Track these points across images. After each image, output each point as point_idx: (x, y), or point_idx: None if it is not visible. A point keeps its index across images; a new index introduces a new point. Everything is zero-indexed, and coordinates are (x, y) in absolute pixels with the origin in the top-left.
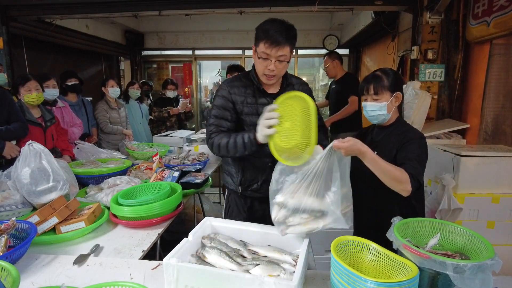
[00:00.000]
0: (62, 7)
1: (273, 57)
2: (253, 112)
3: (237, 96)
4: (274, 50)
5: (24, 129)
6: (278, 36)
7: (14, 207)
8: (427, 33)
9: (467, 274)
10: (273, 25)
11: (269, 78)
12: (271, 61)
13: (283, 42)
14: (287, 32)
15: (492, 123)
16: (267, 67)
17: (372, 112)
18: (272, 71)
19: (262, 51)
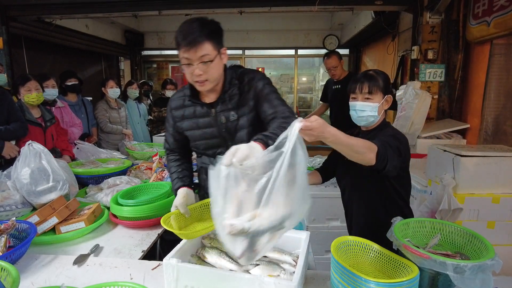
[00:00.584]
0: (62, 7)
1: (194, 60)
2: (193, 126)
3: (176, 111)
4: (192, 52)
5: (23, 129)
6: (192, 35)
7: (14, 207)
8: (427, 33)
9: (467, 274)
10: (185, 26)
11: (201, 84)
12: (194, 65)
13: (199, 40)
14: (202, 28)
15: (492, 123)
16: (192, 73)
17: (362, 113)
18: (199, 76)
19: (182, 57)
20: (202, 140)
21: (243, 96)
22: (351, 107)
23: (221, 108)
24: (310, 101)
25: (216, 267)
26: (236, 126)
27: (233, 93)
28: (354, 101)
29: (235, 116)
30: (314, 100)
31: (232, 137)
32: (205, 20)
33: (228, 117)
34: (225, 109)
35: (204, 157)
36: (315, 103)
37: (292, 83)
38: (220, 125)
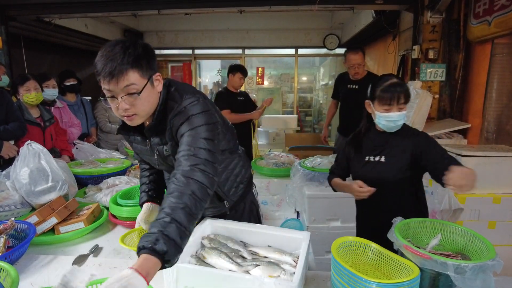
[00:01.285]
0: (61, 7)
1: (118, 93)
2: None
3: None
4: (114, 83)
5: (22, 129)
6: (112, 62)
7: (13, 208)
8: (428, 33)
9: (468, 275)
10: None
11: (130, 119)
12: (118, 99)
13: (118, 67)
14: (124, 54)
15: (494, 123)
16: (118, 107)
17: (398, 122)
18: (126, 111)
19: (104, 88)
20: (150, 162)
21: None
22: (385, 117)
23: (154, 141)
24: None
25: (216, 267)
26: (171, 161)
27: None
28: (388, 112)
29: (168, 152)
30: (314, 100)
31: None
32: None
33: (162, 151)
34: (157, 143)
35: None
36: (315, 103)
37: (292, 82)
38: (157, 157)
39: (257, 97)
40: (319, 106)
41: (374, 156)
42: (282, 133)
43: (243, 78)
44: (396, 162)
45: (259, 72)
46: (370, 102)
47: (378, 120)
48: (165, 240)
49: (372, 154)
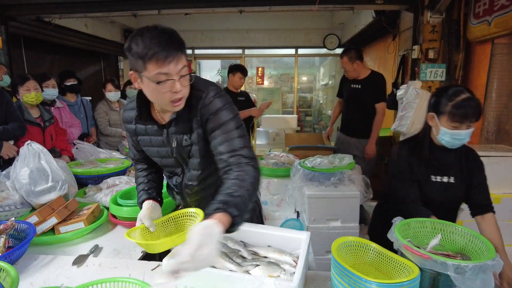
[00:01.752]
0: (61, 7)
1: (174, 75)
2: (147, 143)
3: (128, 125)
4: (172, 65)
5: (22, 129)
6: (171, 45)
7: (13, 208)
8: (428, 33)
9: (468, 275)
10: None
11: (177, 103)
12: (174, 80)
13: (177, 52)
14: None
15: (494, 123)
16: (171, 90)
17: (464, 140)
18: (179, 93)
19: (156, 73)
20: (157, 157)
21: (193, 121)
22: (452, 135)
23: (173, 130)
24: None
25: (216, 267)
26: (189, 152)
27: (184, 113)
28: (456, 129)
29: (188, 141)
30: (314, 100)
31: (185, 161)
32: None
33: (181, 141)
34: (177, 131)
35: (164, 172)
36: (315, 103)
37: (292, 82)
38: (172, 148)
39: (257, 97)
40: (319, 106)
41: (441, 177)
42: (282, 133)
43: (243, 78)
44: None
45: (259, 72)
46: (435, 115)
47: (442, 136)
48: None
49: (439, 174)
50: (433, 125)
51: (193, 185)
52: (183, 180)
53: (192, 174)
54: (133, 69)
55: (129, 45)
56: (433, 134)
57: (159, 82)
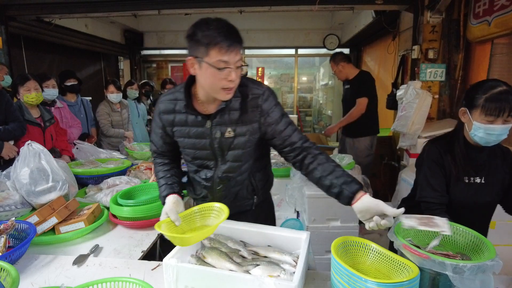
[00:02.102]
0: (61, 7)
1: (232, 64)
2: (183, 134)
3: (165, 115)
4: (232, 55)
5: (22, 129)
6: (233, 37)
7: (13, 207)
8: (428, 33)
9: (467, 275)
10: (220, 25)
11: (229, 91)
12: (231, 69)
13: (239, 44)
14: (237, 32)
15: None
16: (227, 78)
17: (501, 136)
18: (233, 82)
19: (217, 59)
20: (191, 149)
21: (244, 115)
22: (486, 130)
23: (218, 121)
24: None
25: (216, 267)
26: (230, 144)
27: (234, 107)
28: (490, 124)
29: (231, 133)
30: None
31: (223, 153)
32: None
33: (224, 132)
34: (222, 123)
35: (191, 165)
36: (315, 103)
37: (292, 82)
38: (214, 139)
39: None
40: (319, 106)
41: (473, 177)
42: None
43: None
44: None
45: (259, 72)
46: (467, 110)
47: (475, 131)
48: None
49: (471, 174)
50: (465, 121)
51: (228, 177)
52: (215, 173)
53: (232, 165)
54: (193, 55)
55: (193, 32)
56: (465, 131)
57: (219, 69)
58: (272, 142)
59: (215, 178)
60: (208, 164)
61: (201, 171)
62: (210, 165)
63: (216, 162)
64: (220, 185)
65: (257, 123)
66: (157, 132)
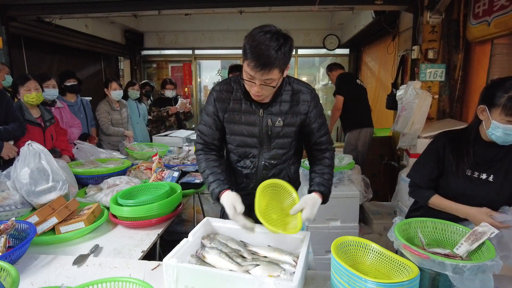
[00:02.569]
0: (61, 7)
1: (257, 80)
2: (235, 120)
3: (220, 103)
4: (259, 74)
5: (22, 129)
6: (265, 57)
7: (13, 207)
8: (427, 33)
9: (467, 275)
10: (261, 40)
11: (255, 96)
12: (255, 84)
13: (270, 64)
14: (278, 51)
15: None
16: (251, 87)
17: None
18: (257, 93)
19: (246, 71)
20: (239, 135)
21: (294, 107)
22: (505, 129)
23: (269, 111)
24: None
25: (216, 267)
26: (279, 132)
27: (285, 100)
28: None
29: (280, 123)
30: None
31: (269, 141)
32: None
33: (274, 121)
34: (273, 113)
35: (233, 155)
36: None
37: None
38: (264, 127)
39: None
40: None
41: (479, 173)
42: None
43: None
44: (506, 184)
45: None
46: (486, 108)
47: (493, 130)
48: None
49: (477, 169)
50: (484, 118)
51: (272, 164)
52: (259, 160)
53: (277, 152)
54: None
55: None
56: (482, 128)
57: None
58: (306, 136)
59: (259, 165)
60: (252, 152)
61: (243, 160)
62: (254, 152)
63: (261, 149)
64: (264, 172)
65: (304, 116)
66: (207, 121)
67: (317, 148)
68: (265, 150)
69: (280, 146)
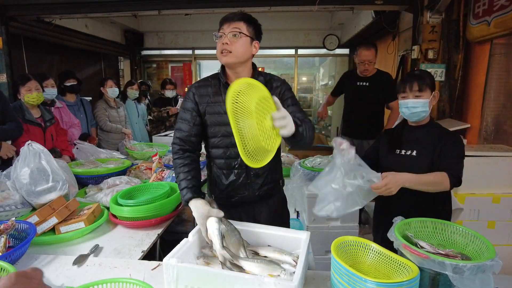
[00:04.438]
0: (61, 7)
1: (226, 32)
2: (219, 111)
3: (199, 97)
4: (226, 26)
5: (19, 129)
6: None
7: (13, 207)
8: (427, 33)
9: (467, 275)
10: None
11: (225, 54)
12: (224, 34)
13: (236, 18)
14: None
15: (492, 123)
16: (221, 43)
17: (415, 109)
18: (225, 45)
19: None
20: (223, 125)
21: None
22: (402, 105)
23: None
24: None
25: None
26: None
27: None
28: (404, 99)
29: None
30: (314, 100)
31: None
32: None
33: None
34: None
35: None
36: (315, 103)
37: (292, 82)
38: None
39: None
40: (319, 106)
41: (406, 150)
42: None
43: None
44: (427, 157)
45: None
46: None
47: (400, 110)
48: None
49: (404, 148)
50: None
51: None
52: None
53: None
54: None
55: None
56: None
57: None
58: None
59: None
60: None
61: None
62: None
63: None
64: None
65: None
66: (184, 116)
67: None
68: None
69: None
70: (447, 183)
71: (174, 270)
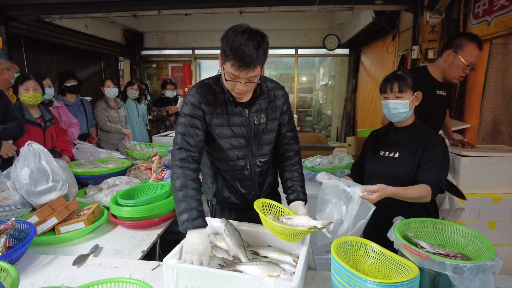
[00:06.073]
0: (61, 7)
1: (242, 79)
2: (223, 124)
3: (206, 106)
4: (243, 73)
5: (20, 128)
6: (248, 56)
7: (13, 208)
8: (427, 33)
9: (467, 275)
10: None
11: (238, 95)
12: (240, 83)
13: (253, 62)
14: (258, 50)
15: (491, 123)
16: (235, 87)
17: (395, 110)
18: (241, 91)
19: (230, 72)
20: (229, 138)
21: (272, 103)
22: (384, 105)
23: (254, 110)
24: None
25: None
26: (264, 129)
27: (264, 97)
28: (386, 100)
29: (264, 119)
30: (314, 100)
31: (258, 139)
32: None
33: (260, 119)
34: (257, 111)
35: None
36: (315, 103)
37: (292, 83)
38: (252, 125)
39: None
40: (319, 106)
41: (389, 152)
42: None
43: None
44: (409, 159)
45: None
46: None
47: (383, 110)
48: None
49: (388, 150)
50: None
51: (262, 162)
52: (250, 160)
53: (267, 148)
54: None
55: (223, 37)
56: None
57: (227, 80)
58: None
59: (252, 164)
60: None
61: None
62: (244, 153)
63: (250, 149)
64: (258, 169)
65: (279, 112)
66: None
67: (286, 142)
68: (255, 149)
69: (268, 141)
70: (429, 197)
71: (174, 270)
